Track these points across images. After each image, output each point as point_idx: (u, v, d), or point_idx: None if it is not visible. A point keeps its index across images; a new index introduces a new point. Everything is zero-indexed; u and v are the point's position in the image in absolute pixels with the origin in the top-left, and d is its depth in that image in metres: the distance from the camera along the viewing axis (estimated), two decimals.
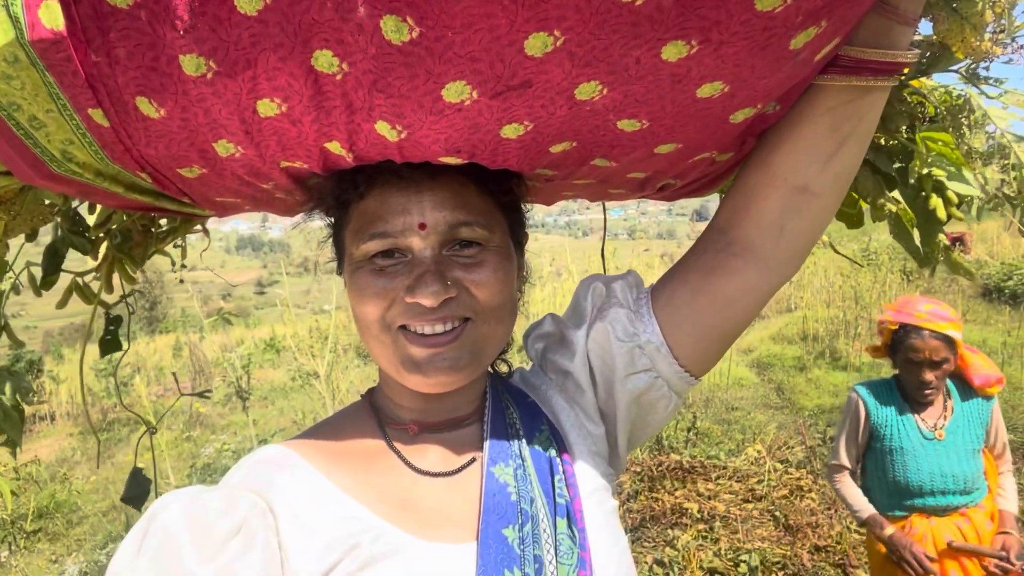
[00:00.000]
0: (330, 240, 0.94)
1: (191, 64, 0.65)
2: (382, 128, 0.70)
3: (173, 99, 0.69)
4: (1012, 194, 0.86)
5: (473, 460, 0.88)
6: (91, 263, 1.33)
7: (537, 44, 0.61)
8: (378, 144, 0.74)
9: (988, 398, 2.56)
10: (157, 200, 0.93)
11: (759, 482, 4.84)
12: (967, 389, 2.58)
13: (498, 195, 0.87)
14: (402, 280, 0.81)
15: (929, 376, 2.47)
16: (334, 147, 0.75)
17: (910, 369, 2.52)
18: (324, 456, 0.84)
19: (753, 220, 0.87)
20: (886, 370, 7.78)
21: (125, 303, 1.44)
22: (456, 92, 0.65)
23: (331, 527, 0.76)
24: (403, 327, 0.82)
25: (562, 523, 0.82)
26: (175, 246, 1.35)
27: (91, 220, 1.24)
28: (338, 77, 0.65)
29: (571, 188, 1.03)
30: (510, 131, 0.71)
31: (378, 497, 0.81)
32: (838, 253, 1.20)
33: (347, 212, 0.86)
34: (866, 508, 2.58)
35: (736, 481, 4.93)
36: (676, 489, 4.83)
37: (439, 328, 0.81)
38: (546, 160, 0.81)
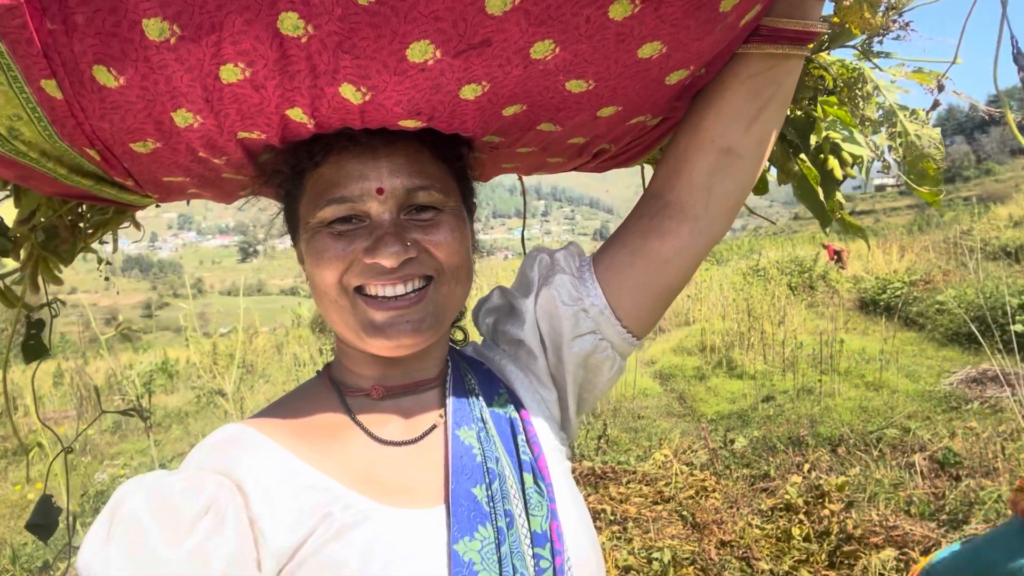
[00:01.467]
0: (281, 214, 0.95)
1: (155, 29, 0.63)
2: (346, 91, 0.71)
3: (133, 67, 0.67)
4: (898, 159, 0.97)
5: (434, 427, 0.91)
6: (11, 264, 1.22)
7: (497, 2, 0.64)
8: (340, 109, 0.74)
9: None
10: (97, 185, 0.90)
11: (667, 484, 5.02)
12: None
13: (451, 161, 0.90)
14: (361, 243, 0.82)
15: None
16: (295, 114, 0.75)
17: None
18: (286, 432, 0.84)
19: (684, 182, 0.93)
20: (778, 379, 8.19)
21: (48, 306, 1.37)
22: (420, 52, 0.67)
23: (301, 499, 0.77)
24: (359, 290, 0.83)
25: (528, 478, 0.86)
26: (102, 242, 1.29)
27: (10, 220, 1.15)
28: (303, 40, 0.65)
29: (512, 159, 1.07)
30: (469, 92, 0.74)
31: (343, 469, 0.82)
32: (753, 213, 1.29)
33: (301, 182, 0.87)
34: None
35: (645, 484, 5.09)
36: (590, 494, 4.94)
37: (400, 289, 0.83)
38: (497, 124, 0.85)
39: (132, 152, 0.81)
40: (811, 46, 0.89)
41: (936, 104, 0.93)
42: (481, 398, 0.94)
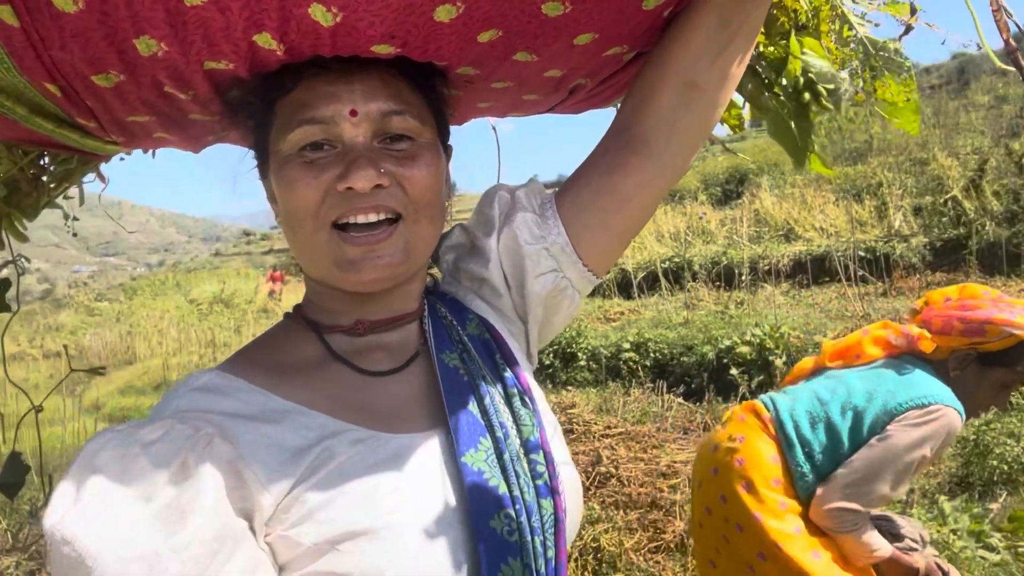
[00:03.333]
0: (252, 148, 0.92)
1: None
2: (316, 12, 0.67)
3: None
4: (869, 90, 1.04)
5: (417, 354, 0.91)
6: None
7: None
8: (311, 33, 0.71)
9: None
10: (58, 128, 0.87)
11: None
12: None
13: (426, 91, 0.87)
14: (334, 171, 0.79)
15: None
16: (263, 40, 0.71)
17: (1003, 394, 1.97)
18: (266, 375, 0.81)
19: (649, 115, 0.93)
20: None
21: (14, 264, 1.34)
22: None
23: (295, 438, 0.75)
24: (336, 224, 0.81)
25: (513, 392, 0.89)
26: (66, 197, 1.21)
27: None
28: None
29: (487, 96, 1.02)
30: (443, 13, 0.71)
31: (333, 404, 0.81)
32: (727, 150, 1.22)
33: (272, 110, 0.83)
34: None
35: None
36: None
37: (372, 217, 0.81)
38: (473, 52, 0.82)
39: (94, 86, 0.78)
40: None
41: (909, 29, 1.02)
42: (456, 324, 0.95)
